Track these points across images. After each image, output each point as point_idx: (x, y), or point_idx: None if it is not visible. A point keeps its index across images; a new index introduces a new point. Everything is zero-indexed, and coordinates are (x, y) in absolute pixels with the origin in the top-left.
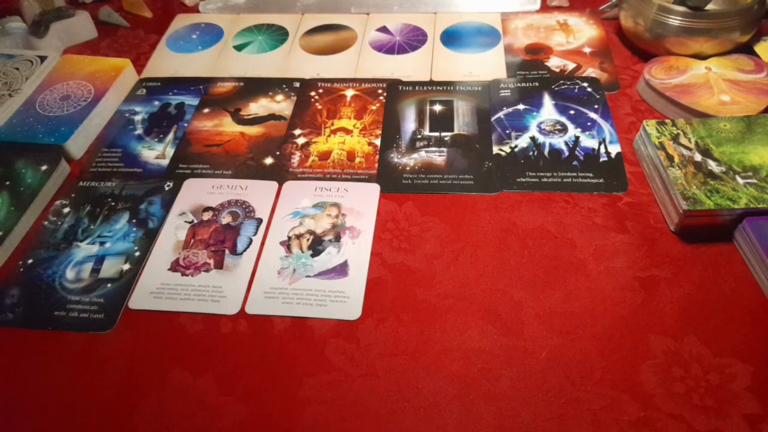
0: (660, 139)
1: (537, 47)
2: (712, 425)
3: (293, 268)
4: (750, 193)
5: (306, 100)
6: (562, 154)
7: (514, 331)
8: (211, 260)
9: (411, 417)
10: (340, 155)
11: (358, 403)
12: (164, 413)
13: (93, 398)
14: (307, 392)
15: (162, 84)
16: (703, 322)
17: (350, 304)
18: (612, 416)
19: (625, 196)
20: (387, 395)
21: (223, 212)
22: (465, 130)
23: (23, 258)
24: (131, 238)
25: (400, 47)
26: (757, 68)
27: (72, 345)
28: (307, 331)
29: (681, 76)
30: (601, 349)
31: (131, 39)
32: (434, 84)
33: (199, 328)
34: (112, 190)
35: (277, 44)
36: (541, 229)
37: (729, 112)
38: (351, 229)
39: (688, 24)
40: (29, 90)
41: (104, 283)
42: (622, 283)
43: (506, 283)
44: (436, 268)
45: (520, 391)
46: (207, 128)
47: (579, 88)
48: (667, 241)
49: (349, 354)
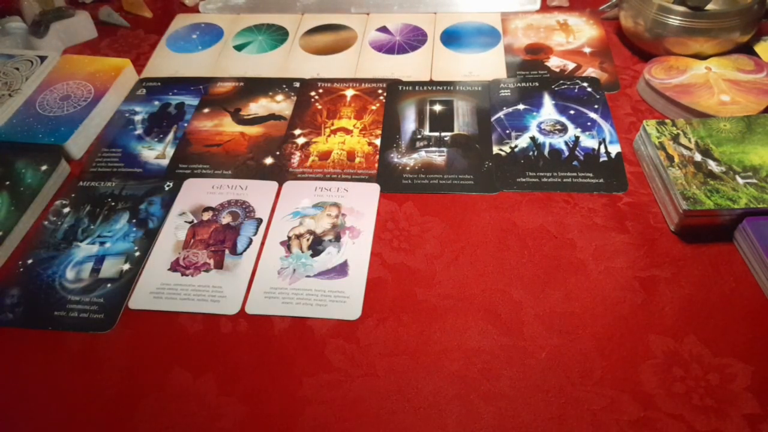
0: (660, 139)
1: (537, 47)
2: (712, 425)
3: (293, 268)
4: (750, 193)
5: (306, 100)
6: (562, 154)
7: (514, 331)
8: (211, 260)
9: (411, 417)
10: (340, 155)
11: (358, 403)
12: (164, 413)
13: (93, 398)
14: (307, 392)
15: (162, 84)
16: (703, 322)
17: (350, 304)
18: (612, 416)
19: (625, 196)
20: (387, 395)
21: (223, 212)
22: (465, 130)
23: (23, 258)
24: (131, 238)
25: (400, 47)
26: (757, 68)
27: (72, 345)
28: (307, 331)
29: (681, 76)
30: (601, 349)
31: (131, 39)
32: (434, 84)
33: (199, 328)
34: (112, 190)
35: (277, 44)
36: (541, 229)
37: (729, 112)
38: (351, 229)
39: (688, 24)
40: (29, 90)
41: (104, 283)
42: (622, 283)
43: (506, 283)
44: (436, 268)
45: (520, 391)
46: (207, 128)
47: (579, 88)
48: (667, 241)
49: (349, 354)
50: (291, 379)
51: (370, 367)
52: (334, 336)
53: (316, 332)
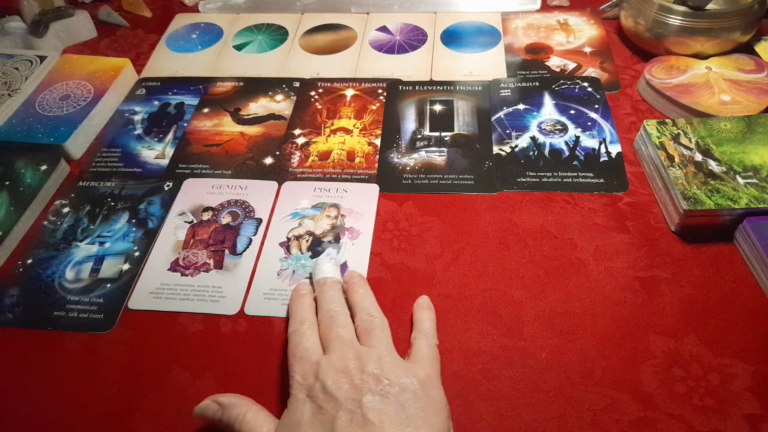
0: (660, 139)
1: (537, 47)
2: (712, 425)
3: (293, 269)
4: (750, 193)
5: (306, 99)
6: (562, 154)
7: (514, 331)
8: (211, 260)
9: None
10: (340, 155)
11: None
12: (164, 413)
13: (93, 398)
14: None
15: (162, 84)
16: (704, 322)
17: None
18: (612, 416)
19: (626, 196)
20: None
21: (222, 212)
22: (465, 130)
23: (23, 258)
24: (131, 238)
25: (400, 47)
26: (758, 68)
27: (71, 345)
28: None
29: (681, 75)
30: (601, 349)
31: (131, 39)
32: (434, 84)
33: (199, 328)
34: (112, 190)
35: (277, 44)
36: (542, 229)
37: (729, 112)
38: (350, 230)
39: (688, 24)
40: (29, 90)
41: (104, 283)
42: (623, 283)
43: (506, 283)
44: (436, 268)
45: (520, 391)
46: (207, 128)
47: (579, 87)
48: (668, 241)
49: None
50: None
51: None
52: None
53: None
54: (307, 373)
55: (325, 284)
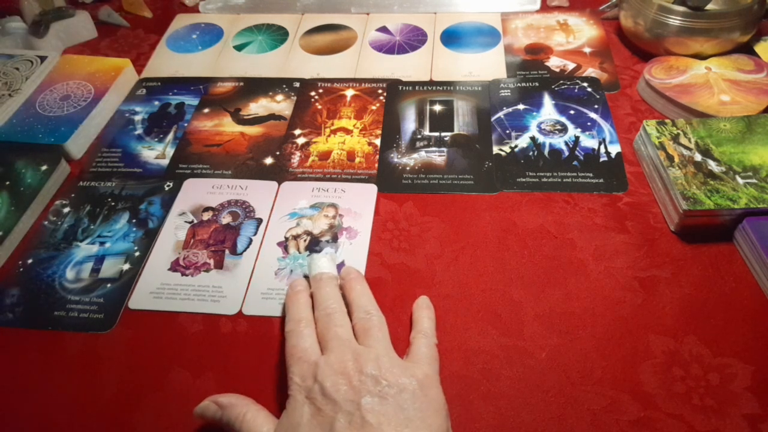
0: (660, 139)
1: (537, 47)
2: (712, 425)
3: (290, 269)
4: (750, 193)
5: (306, 100)
6: (562, 154)
7: (513, 331)
8: (211, 260)
9: None
10: (340, 155)
11: None
12: (164, 413)
13: (93, 398)
14: None
15: (162, 84)
16: (703, 322)
17: None
18: (612, 416)
19: (625, 196)
20: None
21: (223, 212)
22: (465, 130)
23: (23, 258)
24: (131, 238)
25: (400, 47)
26: (757, 68)
27: (72, 345)
28: None
29: (681, 76)
30: (601, 349)
31: (131, 39)
32: (434, 84)
33: (199, 328)
34: (112, 190)
35: (277, 44)
36: (541, 229)
37: (729, 112)
38: (348, 230)
39: (688, 24)
40: (29, 90)
41: (104, 283)
42: (622, 283)
43: (506, 283)
44: (436, 268)
45: (519, 390)
46: (207, 128)
47: (579, 88)
48: (667, 241)
49: None
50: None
51: None
52: None
53: None
54: (306, 375)
55: (321, 280)
